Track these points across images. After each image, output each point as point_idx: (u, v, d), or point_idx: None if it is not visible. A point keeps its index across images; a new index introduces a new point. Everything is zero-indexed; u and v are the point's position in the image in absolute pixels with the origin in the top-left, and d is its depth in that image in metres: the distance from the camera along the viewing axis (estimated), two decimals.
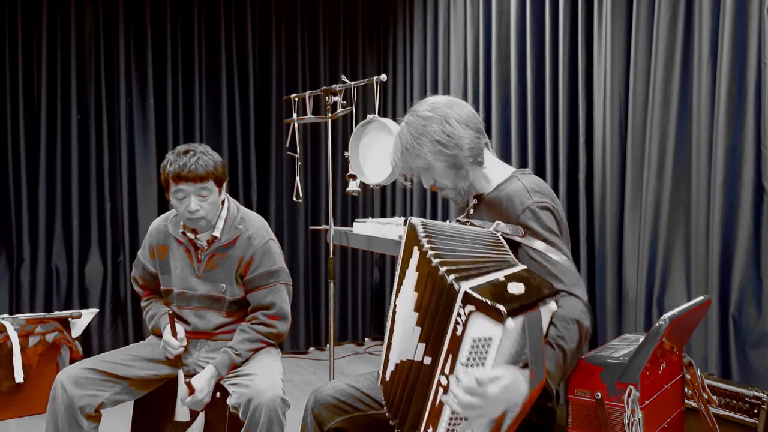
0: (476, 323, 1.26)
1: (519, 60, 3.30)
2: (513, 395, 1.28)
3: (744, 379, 2.28)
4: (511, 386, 1.27)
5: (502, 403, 1.29)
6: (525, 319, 1.25)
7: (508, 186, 1.66)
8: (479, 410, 1.28)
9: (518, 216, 1.57)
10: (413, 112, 1.70)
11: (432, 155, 1.65)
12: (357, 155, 3.36)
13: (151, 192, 4.17)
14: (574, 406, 1.58)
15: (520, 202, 1.58)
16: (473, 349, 1.27)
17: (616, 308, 2.80)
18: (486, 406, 1.27)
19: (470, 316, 1.26)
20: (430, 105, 1.69)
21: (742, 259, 2.31)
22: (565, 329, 1.42)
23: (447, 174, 1.69)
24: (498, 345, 1.25)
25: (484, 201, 1.72)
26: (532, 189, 1.61)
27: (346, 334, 4.81)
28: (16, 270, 3.89)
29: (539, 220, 1.55)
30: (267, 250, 2.24)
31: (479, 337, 1.26)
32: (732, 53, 2.31)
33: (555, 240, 1.54)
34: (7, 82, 3.83)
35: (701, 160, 2.45)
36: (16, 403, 3.26)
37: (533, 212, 1.56)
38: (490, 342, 1.26)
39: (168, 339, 2.17)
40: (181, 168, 2.08)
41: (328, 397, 1.79)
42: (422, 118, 1.67)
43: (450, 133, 1.64)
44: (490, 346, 1.26)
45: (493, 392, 1.25)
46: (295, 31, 4.56)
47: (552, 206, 1.59)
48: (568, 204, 3.00)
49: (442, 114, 1.66)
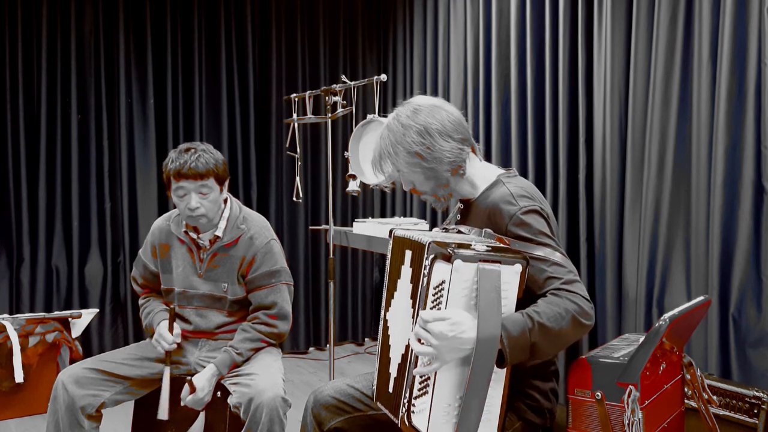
0: (436, 269, 1.35)
1: (519, 60, 3.30)
2: (460, 336, 1.32)
3: (744, 379, 2.28)
4: (455, 325, 1.32)
5: (452, 343, 1.32)
6: (478, 267, 1.32)
7: (493, 192, 1.62)
8: (430, 351, 1.33)
9: (506, 225, 1.53)
10: (396, 116, 1.65)
11: (408, 167, 1.63)
12: (357, 155, 3.36)
13: (151, 192, 4.17)
14: (574, 406, 1.58)
15: (507, 210, 1.53)
16: (434, 295, 1.36)
17: (616, 308, 2.80)
18: (436, 347, 1.32)
19: (432, 263, 1.35)
20: (413, 110, 1.62)
21: (742, 259, 2.31)
22: (546, 306, 1.39)
23: (426, 183, 1.67)
24: (449, 287, 1.33)
25: (472, 207, 1.69)
26: (517, 194, 1.56)
27: (346, 334, 4.81)
28: (16, 270, 3.89)
29: (528, 227, 1.51)
30: (269, 250, 2.24)
31: (437, 283, 1.35)
32: (732, 53, 2.31)
33: (548, 242, 1.51)
34: (7, 82, 3.83)
35: (701, 160, 2.46)
36: (16, 403, 3.26)
37: (521, 220, 1.51)
38: (443, 285, 1.34)
39: (163, 332, 2.17)
40: (181, 165, 2.09)
41: (327, 397, 1.79)
42: (402, 126, 1.61)
43: (430, 145, 1.59)
44: (444, 288, 1.34)
45: (437, 329, 1.32)
46: (295, 31, 4.56)
47: (539, 207, 1.55)
48: (568, 204, 3.00)
49: (422, 124, 1.59)
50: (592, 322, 1.44)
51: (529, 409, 1.60)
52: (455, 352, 1.34)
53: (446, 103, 1.67)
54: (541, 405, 1.61)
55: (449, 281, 1.33)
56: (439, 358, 1.34)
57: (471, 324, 1.33)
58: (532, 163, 3.21)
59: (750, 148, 2.29)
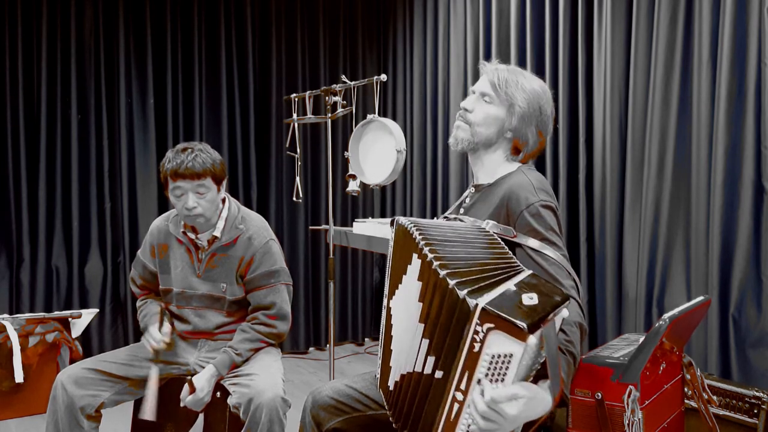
0: (496, 340, 1.23)
1: (519, 60, 3.30)
2: (532, 411, 1.26)
3: (744, 379, 2.28)
4: (531, 405, 1.25)
5: (522, 420, 1.27)
6: (543, 332, 1.23)
7: (512, 178, 1.62)
8: (496, 427, 1.25)
9: (521, 211, 1.53)
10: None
11: (524, 100, 1.63)
12: (357, 155, 3.36)
13: (151, 192, 4.17)
14: (574, 406, 1.58)
15: (525, 198, 1.54)
16: (492, 365, 1.24)
17: (616, 308, 2.80)
18: (504, 424, 1.25)
19: (488, 333, 1.23)
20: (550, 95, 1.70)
21: (742, 259, 2.31)
22: (572, 333, 1.39)
23: (493, 119, 1.66)
24: (518, 361, 1.23)
25: (485, 191, 1.69)
26: (538, 187, 1.57)
27: (346, 334, 4.81)
28: (16, 270, 3.89)
29: (542, 220, 1.52)
30: (267, 250, 2.24)
31: (499, 354, 1.24)
32: (732, 53, 2.31)
33: (556, 240, 1.52)
34: (7, 82, 3.83)
35: (701, 160, 2.45)
36: (16, 403, 3.26)
37: (538, 211, 1.52)
38: (510, 358, 1.23)
39: (152, 330, 2.18)
40: (178, 165, 2.10)
41: (326, 397, 1.78)
42: (535, 77, 1.69)
43: (543, 109, 1.65)
44: (511, 363, 1.24)
45: (511, 412, 1.23)
46: (295, 31, 4.56)
47: (555, 206, 1.57)
48: (568, 204, 3.00)
49: (552, 108, 1.70)
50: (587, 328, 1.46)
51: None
52: (525, 422, 1.29)
53: None
54: None
55: (521, 357, 1.22)
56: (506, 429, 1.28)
57: (543, 395, 1.27)
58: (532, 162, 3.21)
59: (750, 148, 2.29)
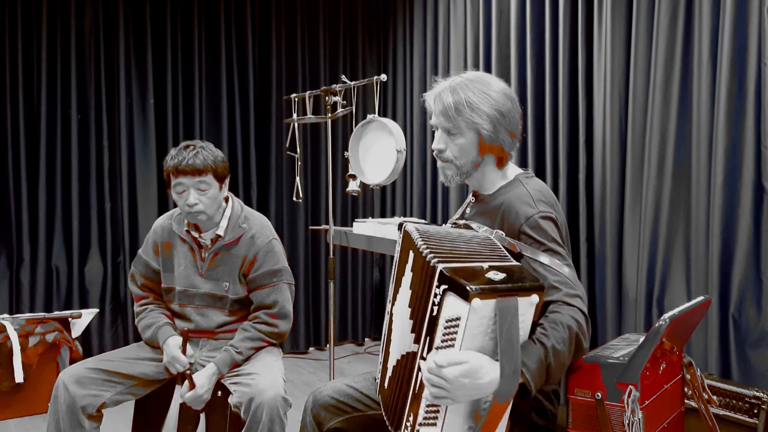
0: (449, 303, 1.24)
1: (519, 60, 3.30)
2: (478, 381, 1.24)
3: (744, 379, 2.28)
4: (473, 371, 1.23)
5: (469, 389, 1.24)
6: (497, 304, 1.21)
7: (511, 190, 1.61)
8: (443, 395, 1.25)
9: (521, 225, 1.51)
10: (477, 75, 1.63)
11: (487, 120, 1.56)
12: (357, 155, 3.36)
13: (151, 192, 4.17)
14: (574, 406, 1.58)
15: (524, 212, 1.52)
16: (446, 330, 1.25)
17: (616, 308, 2.80)
18: (450, 391, 1.24)
19: (444, 295, 1.24)
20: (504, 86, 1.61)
21: (742, 259, 2.31)
22: (552, 329, 1.35)
23: (469, 147, 1.60)
24: (465, 326, 1.22)
25: (485, 202, 1.67)
26: (536, 198, 1.55)
27: (346, 334, 4.81)
28: (16, 270, 3.89)
29: (543, 232, 1.49)
30: (270, 249, 2.24)
31: (450, 317, 1.24)
32: (732, 53, 2.31)
33: (560, 250, 1.50)
34: (7, 82, 3.83)
35: (701, 160, 2.46)
36: (16, 403, 3.26)
37: (537, 223, 1.50)
38: (458, 322, 1.23)
39: (177, 355, 2.15)
40: (180, 161, 2.12)
41: (326, 397, 1.79)
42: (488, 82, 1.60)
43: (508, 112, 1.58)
44: (459, 327, 1.23)
45: (452, 375, 1.22)
46: (295, 31, 4.56)
47: (555, 216, 1.54)
48: (568, 204, 3.00)
49: (513, 99, 1.61)
50: (587, 343, 1.42)
51: (534, 411, 1.60)
52: (471, 395, 1.27)
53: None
54: (544, 407, 1.62)
55: (466, 320, 1.22)
56: (452, 400, 1.26)
57: (489, 367, 1.25)
58: (532, 162, 3.22)
59: (750, 148, 2.29)
